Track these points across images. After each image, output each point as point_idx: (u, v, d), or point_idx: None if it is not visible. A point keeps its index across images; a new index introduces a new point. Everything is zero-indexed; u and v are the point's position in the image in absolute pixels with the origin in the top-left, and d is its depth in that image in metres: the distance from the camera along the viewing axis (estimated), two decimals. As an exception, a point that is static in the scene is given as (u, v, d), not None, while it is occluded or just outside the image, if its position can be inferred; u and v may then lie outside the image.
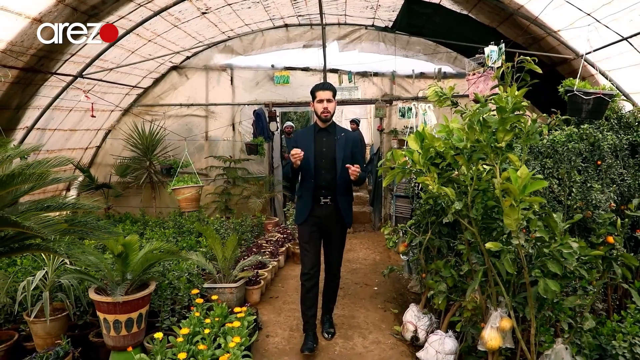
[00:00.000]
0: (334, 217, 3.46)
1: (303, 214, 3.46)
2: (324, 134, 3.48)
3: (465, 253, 2.61)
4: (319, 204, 3.43)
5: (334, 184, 3.41)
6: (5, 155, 1.92)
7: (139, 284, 3.37)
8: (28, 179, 1.93)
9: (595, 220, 2.62)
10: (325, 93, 3.37)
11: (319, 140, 3.47)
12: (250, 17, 6.78)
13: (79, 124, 6.72)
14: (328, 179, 3.41)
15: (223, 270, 4.06)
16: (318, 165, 3.42)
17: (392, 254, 6.00)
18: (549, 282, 1.96)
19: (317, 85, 3.46)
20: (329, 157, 3.42)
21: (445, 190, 2.36)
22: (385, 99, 7.64)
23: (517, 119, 2.11)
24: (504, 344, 2.39)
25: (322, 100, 3.36)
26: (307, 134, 3.53)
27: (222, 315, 3.14)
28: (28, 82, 4.95)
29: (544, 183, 1.86)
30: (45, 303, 3.23)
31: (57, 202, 2.15)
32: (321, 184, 3.41)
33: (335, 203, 3.43)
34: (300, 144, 3.41)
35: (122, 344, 3.22)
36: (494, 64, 5.01)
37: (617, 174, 3.32)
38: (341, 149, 3.40)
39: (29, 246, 1.95)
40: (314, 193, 3.42)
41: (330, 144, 3.44)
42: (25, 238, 1.93)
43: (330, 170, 3.41)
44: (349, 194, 3.56)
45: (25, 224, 1.69)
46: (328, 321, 3.75)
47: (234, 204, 7.44)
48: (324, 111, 3.36)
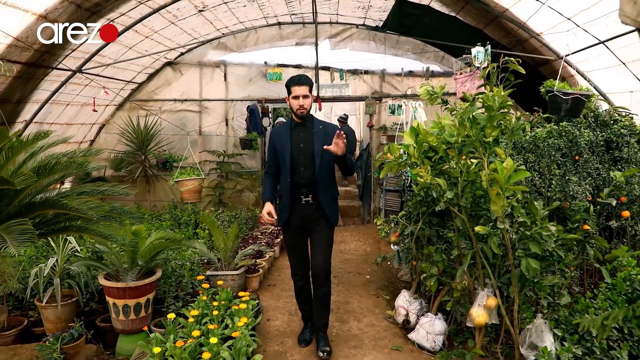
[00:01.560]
0: (317, 215, 3.26)
1: (284, 215, 3.29)
2: (300, 129, 3.26)
3: (455, 239, 2.86)
4: (300, 204, 3.25)
5: (314, 181, 3.20)
6: (39, 147, 2.09)
7: (146, 271, 3.54)
8: (69, 167, 2.10)
9: (572, 209, 2.88)
10: (301, 88, 3.13)
11: (295, 135, 3.25)
12: (245, 15, 6.94)
13: (75, 118, 6.82)
14: (307, 175, 3.20)
15: (224, 259, 4.25)
16: (296, 163, 3.21)
17: (382, 246, 6.25)
18: (530, 261, 2.21)
19: (292, 78, 3.21)
20: (307, 152, 3.21)
21: (438, 181, 2.59)
22: (375, 96, 7.87)
23: (503, 117, 2.34)
24: (490, 320, 2.64)
25: (298, 96, 3.13)
26: (283, 130, 3.32)
27: (227, 299, 3.34)
28: (30, 77, 5.05)
29: (526, 174, 2.11)
30: (56, 289, 3.38)
31: (91, 189, 2.32)
32: (300, 182, 3.21)
33: (317, 201, 3.23)
34: (277, 141, 3.28)
35: (130, 327, 3.40)
36: (481, 65, 5.27)
37: (594, 168, 3.60)
38: (320, 142, 3.15)
39: (69, 227, 2.11)
40: (293, 192, 3.23)
41: (308, 139, 3.22)
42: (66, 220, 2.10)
43: (309, 167, 3.20)
44: (332, 189, 3.34)
45: (72, 205, 1.86)
46: (323, 339, 3.34)
47: (228, 198, 7.61)
48: (299, 108, 3.14)
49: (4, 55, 4.33)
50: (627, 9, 0.99)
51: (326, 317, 3.42)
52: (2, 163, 1.83)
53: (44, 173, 2.00)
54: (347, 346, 3.39)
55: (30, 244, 1.57)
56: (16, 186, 1.68)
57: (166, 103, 7.91)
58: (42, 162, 2.08)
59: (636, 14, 0.98)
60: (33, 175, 1.87)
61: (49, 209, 1.90)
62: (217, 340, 2.64)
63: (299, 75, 3.24)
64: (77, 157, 2.22)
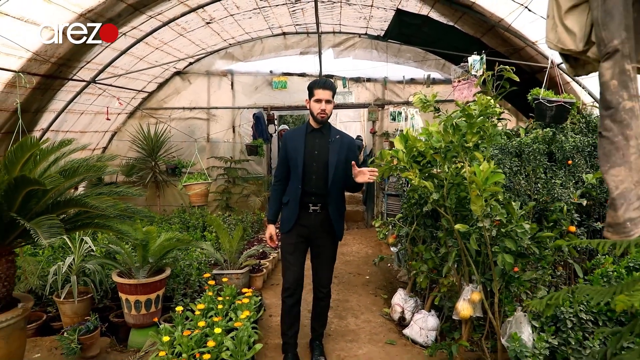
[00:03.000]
0: (324, 227, 3.13)
1: (289, 222, 3.13)
2: (316, 135, 3.12)
3: (442, 236, 3.05)
4: (307, 212, 3.10)
5: (325, 191, 3.07)
6: (61, 153, 2.34)
7: (156, 269, 3.78)
8: (89, 170, 2.34)
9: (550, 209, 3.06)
10: (325, 93, 2.98)
11: (310, 141, 3.10)
12: (251, 26, 7.21)
13: (89, 126, 7.12)
14: (319, 184, 3.07)
15: (230, 259, 4.48)
16: (308, 169, 3.06)
17: (383, 248, 6.44)
18: (506, 256, 2.41)
19: (317, 82, 3.03)
20: (321, 160, 3.07)
21: (425, 184, 2.80)
22: (378, 103, 8.09)
23: (482, 124, 2.55)
24: (474, 313, 2.83)
25: (321, 100, 2.98)
26: (298, 134, 3.16)
27: (231, 295, 3.56)
28: (47, 88, 5.35)
29: (501, 176, 2.31)
30: (73, 286, 3.63)
31: (108, 190, 2.56)
32: (310, 190, 3.07)
33: (326, 212, 3.10)
34: (290, 144, 3.13)
35: (141, 322, 3.63)
36: (477, 73, 5.47)
37: (585, 172, 3.77)
38: (335, 152, 3.05)
39: (89, 224, 2.35)
40: (302, 200, 3.08)
41: (324, 147, 3.08)
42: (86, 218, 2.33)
43: (321, 176, 3.06)
44: (342, 204, 3.22)
45: (93, 203, 2.10)
46: (318, 348, 3.35)
47: (235, 202, 7.85)
48: (321, 112, 3.00)
49: (25, 68, 4.62)
50: (550, 36, 1.21)
51: (324, 327, 3.42)
52: (32, 167, 2.07)
53: (68, 175, 2.24)
54: (344, 340, 3.59)
55: (59, 237, 1.79)
56: (47, 186, 1.92)
57: (175, 111, 8.19)
58: (66, 166, 2.33)
59: (557, 40, 1.19)
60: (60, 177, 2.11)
61: (73, 207, 2.13)
62: (221, 330, 2.86)
63: (325, 79, 3.09)
64: (95, 162, 2.46)
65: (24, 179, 1.83)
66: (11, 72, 4.55)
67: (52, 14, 4.16)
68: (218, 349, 2.77)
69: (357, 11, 6.78)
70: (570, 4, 1.23)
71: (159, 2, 5.15)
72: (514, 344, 2.34)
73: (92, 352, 3.41)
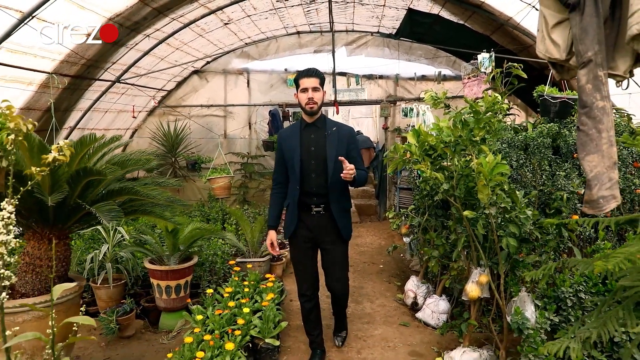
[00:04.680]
0: (328, 229, 2.94)
1: (290, 226, 2.98)
2: (311, 129, 2.91)
3: (452, 225, 3.28)
4: (309, 214, 2.92)
5: (326, 190, 2.88)
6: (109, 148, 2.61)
7: (184, 257, 4.06)
8: (137, 163, 2.62)
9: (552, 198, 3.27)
10: (309, 80, 2.78)
11: (306, 137, 2.90)
12: (267, 25, 7.46)
13: (112, 124, 7.44)
14: (319, 183, 2.88)
15: (251, 248, 4.75)
16: (306, 168, 2.87)
17: (396, 240, 6.67)
18: (510, 240, 2.64)
19: (301, 71, 2.85)
20: (319, 156, 2.87)
21: (436, 175, 3.02)
22: (390, 99, 8.30)
23: (488, 119, 2.77)
24: (482, 294, 3.05)
25: (307, 89, 2.79)
26: (292, 131, 2.98)
27: (256, 280, 3.83)
28: (76, 88, 5.65)
29: (505, 167, 2.53)
30: (109, 272, 3.93)
31: (151, 181, 2.84)
32: (310, 190, 2.89)
33: (329, 212, 2.91)
34: (285, 144, 2.94)
35: (172, 305, 3.92)
36: (486, 70, 5.66)
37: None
38: (333, 146, 2.85)
39: (136, 210, 2.62)
40: (302, 201, 2.91)
41: (320, 141, 2.88)
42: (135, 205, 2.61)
43: (321, 173, 2.87)
44: (345, 200, 3.04)
45: (144, 191, 2.37)
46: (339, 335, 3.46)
47: (251, 197, 8.13)
48: (308, 102, 2.79)
49: (57, 69, 4.93)
50: (540, 47, 1.44)
51: (345, 329, 3.40)
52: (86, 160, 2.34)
53: (121, 166, 2.52)
54: (361, 322, 3.84)
55: (118, 220, 2.06)
56: (107, 176, 2.19)
57: (193, 109, 8.48)
58: (114, 159, 2.61)
59: (545, 50, 1.42)
60: (118, 168, 2.39)
61: (125, 195, 2.40)
62: (249, 310, 3.13)
63: (308, 68, 2.87)
64: (140, 156, 2.74)
65: (86, 169, 2.10)
66: (45, 74, 4.85)
67: (85, 19, 4.44)
68: (247, 327, 3.04)
69: (369, 10, 7.00)
70: (555, 21, 1.45)
71: (182, 5, 5.42)
72: (517, 317, 2.57)
73: (128, 332, 3.71)
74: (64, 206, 2.15)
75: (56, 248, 2.37)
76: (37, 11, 3.75)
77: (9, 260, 1.40)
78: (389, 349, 3.40)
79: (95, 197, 2.32)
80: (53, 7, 3.89)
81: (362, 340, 3.52)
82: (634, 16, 1.26)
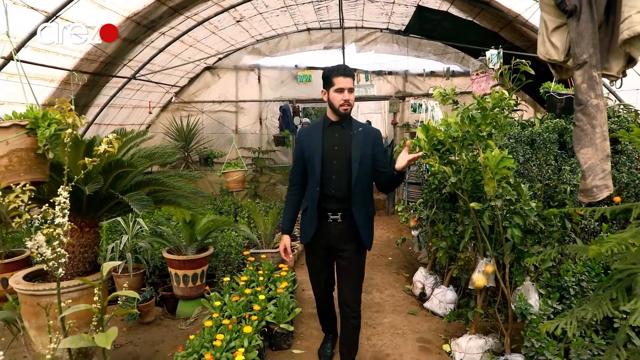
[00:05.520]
0: (347, 237, 2.72)
1: (308, 232, 2.75)
2: (335, 128, 2.70)
3: (459, 217, 3.41)
4: (326, 221, 2.70)
5: (348, 194, 2.65)
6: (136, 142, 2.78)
7: (200, 247, 4.22)
8: (162, 156, 2.78)
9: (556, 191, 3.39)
10: (346, 80, 2.57)
11: (329, 136, 2.69)
12: (277, 23, 7.59)
13: (127, 119, 7.63)
14: (340, 186, 2.65)
15: (264, 239, 4.91)
16: (327, 169, 2.65)
17: (405, 233, 6.78)
18: (514, 230, 2.77)
19: (336, 68, 2.60)
20: (342, 157, 2.65)
21: (444, 169, 3.15)
22: (399, 95, 8.41)
23: (495, 115, 2.89)
24: (488, 283, 3.18)
25: (343, 89, 2.56)
26: (314, 129, 2.75)
27: (269, 269, 3.99)
28: (94, 84, 5.83)
29: (510, 161, 2.65)
30: (129, 261, 4.10)
31: (174, 173, 3.00)
32: (330, 194, 2.66)
33: (348, 220, 2.69)
34: (306, 142, 2.73)
35: (189, 294, 4.08)
36: (494, 66, 5.75)
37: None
38: (359, 147, 2.64)
39: (162, 200, 2.78)
40: (320, 206, 2.69)
41: (345, 142, 2.66)
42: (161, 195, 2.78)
43: (343, 176, 2.65)
44: (369, 206, 2.81)
45: (170, 182, 2.53)
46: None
47: (262, 191, 8.30)
48: (343, 104, 2.58)
49: (78, 67, 5.10)
50: (540, 49, 1.57)
51: (355, 352, 2.91)
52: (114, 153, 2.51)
53: (149, 159, 2.68)
54: (370, 311, 3.98)
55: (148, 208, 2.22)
56: (137, 168, 2.35)
57: (205, 104, 8.65)
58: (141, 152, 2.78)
59: (545, 52, 1.54)
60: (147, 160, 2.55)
61: (152, 186, 2.56)
62: (264, 297, 3.29)
63: (343, 65, 2.66)
64: (166, 149, 2.91)
65: (117, 162, 2.26)
66: (66, 71, 5.03)
67: (105, 19, 4.60)
68: (263, 313, 3.20)
69: (379, 7, 7.10)
70: (555, 26, 1.58)
71: (196, 4, 5.57)
72: (520, 303, 2.70)
73: (148, 318, 3.88)
74: (97, 196, 2.31)
75: (87, 236, 2.54)
76: (61, 11, 3.90)
77: (64, 240, 1.57)
78: (398, 335, 3.54)
79: (123, 188, 2.48)
80: (75, 7, 4.05)
81: (371, 328, 3.67)
82: (624, 22, 1.38)
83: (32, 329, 2.36)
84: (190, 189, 2.80)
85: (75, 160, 2.03)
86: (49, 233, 1.58)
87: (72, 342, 1.57)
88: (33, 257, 4.22)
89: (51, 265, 1.62)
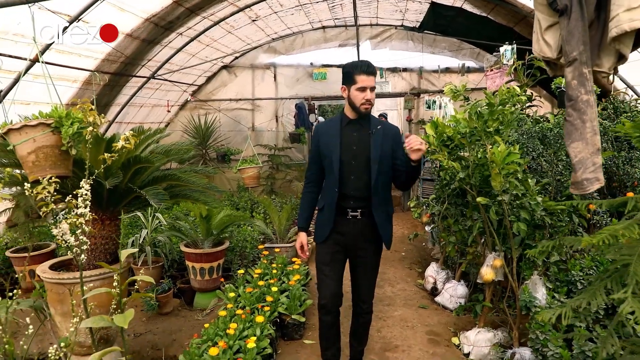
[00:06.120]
0: (365, 235, 2.66)
1: (324, 231, 2.66)
2: (354, 127, 2.62)
3: (468, 212, 3.46)
4: (345, 218, 2.63)
5: (368, 193, 2.59)
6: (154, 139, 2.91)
7: (217, 241, 4.35)
8: (179, 152, 2.92)
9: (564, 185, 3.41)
10: (369, 79, 2.48)
11: (347, 135, 2.61)
12: (293, 21, 7.69)
13: (147, 117, 7.84)
14: (359, 186, 2.59)
15: (279, 234, 5.02)
16: (346, 169, 2.59)
17: (419, 229, 6.83)
18: (520, 224, 2.81)
19: (358, 65, 2.50)
20: (361, 157, 2.59)
21: (453, 164, 3.21)
22: (414, 92, 8.43)
23: (501, 112, 2.93)
24: (496, 277, 3.23)
25: (366, 88, 2.48)
26: (332, 126, 2.67)
27: (283, 263, 4.10)
28: (115, 84, 6.03)
29: (517, 156, 2.70)
30: (148, 255, 4.26)
31: (190, 168, 3.13)
32: (349, 193, 2.60)
33: (368, 218, 2.62)
34: (323, 140, 2.66)
35: (205, 286, 4.22)
36: (508, 62, 5.74)
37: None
38: (378, 146, 2.56)
39: (178, 195, 2.92)
40: (339, 205, 2.62)
41: (364, 140, 2.59)
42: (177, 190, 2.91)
43: (362, 175, 2.59)
44: (388, 204, 2.72)
45: (186, 177, 2.66)
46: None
47: (278, 187, 8.44)
48: (365, 103, 2.50)
49: (99, 67, 5.29)
50: (535, 47, 1.62)
51: (363, 345, 2.96)
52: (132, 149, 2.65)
53: (165, 155, 2.82)
54: (382, 304, 4.06)
55: (164, 202, 2.35)
56: (154, 164, 2.48)
57: (222, 102, 8.81)
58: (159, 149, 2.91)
59: (539, 50, 1.60)
60: (163, 157, 2.68)
61: (168, 181, 2.69)
62: (277, 289, 3.39)
63: (366, 61, 2.54)
64: (182, 146, 3.04)
65: (135, 158, 2.39)
66: (88, 72, 5.22)
67: (125, 21, 4.77)
68: (275, 304, 3.31)
69: (393, 4, 7.13)
70: (548, 24, 1.63)
71: (212, 4, 5.70)
72: (524, 296, 2.74)
73: (167, 309, 4.04)
74: (116, 190, 2.44)
75: (108, 228, 2.68)
76: (83, 14, 4.07)
77: (86, 229, 1.71)
78: (408, 328, 3.61)
79: (141, 183, 2.61)
80: (97, 10, 4.21)
81: (382, 320, 3.75)
82: (613, 20, 1.43)
83: (57, 315, 2.51)
84: (204, 183, 2.92)
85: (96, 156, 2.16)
86: (72, 222, 1.72)
87: (93, 322, 1.70)
88: (58, 251, 4.43)
89: (75, 252, 1.76)
